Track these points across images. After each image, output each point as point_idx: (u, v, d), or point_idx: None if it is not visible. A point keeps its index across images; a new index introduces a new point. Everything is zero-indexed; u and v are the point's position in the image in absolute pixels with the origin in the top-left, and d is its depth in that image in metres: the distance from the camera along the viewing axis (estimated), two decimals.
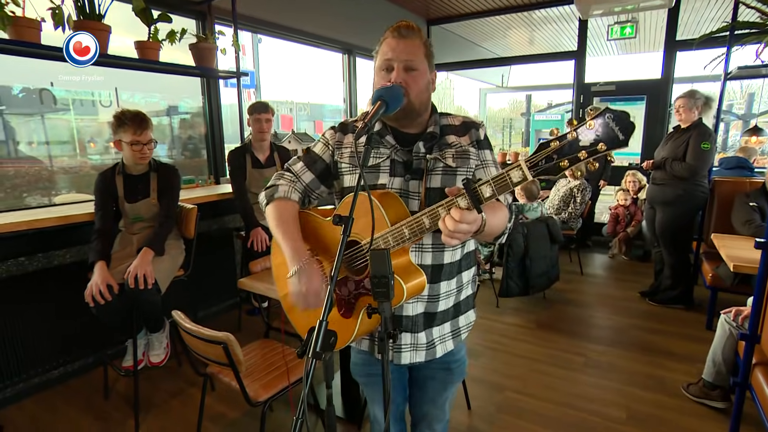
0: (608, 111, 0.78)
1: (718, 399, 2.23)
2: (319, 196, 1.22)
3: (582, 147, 0.80)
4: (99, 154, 3.55)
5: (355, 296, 1.08)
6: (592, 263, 4.74)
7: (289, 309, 1.26)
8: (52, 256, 2.49)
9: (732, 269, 2.36)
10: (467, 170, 1.11)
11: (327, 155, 1.19)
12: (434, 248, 1.11)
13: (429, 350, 1.17)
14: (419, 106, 1.09)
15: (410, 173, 1.10)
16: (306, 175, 1.19)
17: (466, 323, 1.25)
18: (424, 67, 1.09)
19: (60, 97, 3.12)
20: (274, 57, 5.52)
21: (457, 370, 1.25)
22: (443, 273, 1.13)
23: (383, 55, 1.10)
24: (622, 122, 0.78)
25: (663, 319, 3.28)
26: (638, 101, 4.94)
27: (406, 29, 1.09)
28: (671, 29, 4.63)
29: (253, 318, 3.37)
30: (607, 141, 0.78)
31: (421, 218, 0.96)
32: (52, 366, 2.53)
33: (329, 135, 1.20)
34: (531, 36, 7.07)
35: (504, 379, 2.54)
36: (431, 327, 1.16)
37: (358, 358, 1.26)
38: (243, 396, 1.65)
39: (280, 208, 1.15)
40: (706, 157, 3.05)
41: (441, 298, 1.15)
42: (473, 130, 1.14)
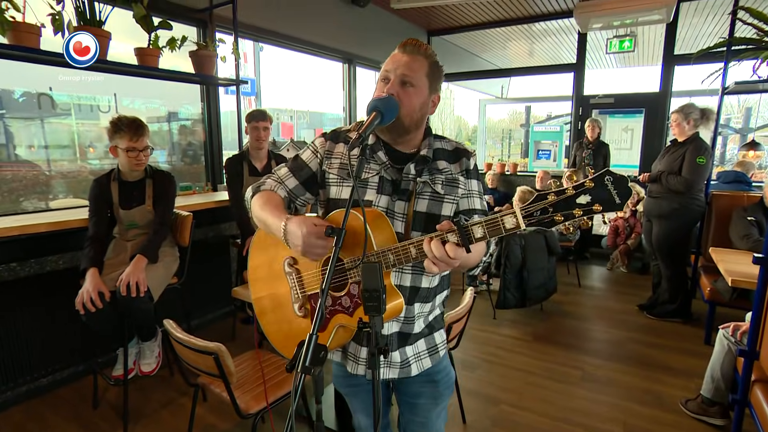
0: (609, 174, 0.81)
1: (717, 416, 2.20)
2: (304, 202, 1.20)
3: (578, 205, 0.82)
4: (98, 159, 3.54)
5: (330, 312, 1.07)
6: (590, 275, 4.72)
7: (261, 313, 1.24)
8: (45, 261, 2.46)
9: (730, 284, 2.35)
10: (454, 198, 1.11)
11: (314, 163, 1.17)
12: (414, 271, 1.10)
13: (403, 368, 1.15)
14: (408, 124, 1.07)
15: (397, 194, 1.09)
16: (290, 180, 1.16)
17: (442, 340, 1.23)
18: (423, 85, 1.07)
19: (60, 102, 3.12)
20: (276, 65, 5.54)
21: (444, 381, 1.22)
22: (419, 296, 1.12)
23: (384, 66, 1.10)
24: (621, 186, 0.81)
25: (661, 333, 3.25)
26: (637, 114, 4.97)
27: (411, 45, 1.08)
28: (669, 44, 4.67)
29: (247, 327, 3.33)
30: (603, 203, 0.81)
31: (408, 247, 0.96)
32: (41, 374, 2.49)
33: (319, 143, 1.18)
34: (531, 48, 7.13)
35: (499, 392, 2.50)
36: (405, 346, 1.15)
37: (338, 370, 1.25)
38: (234, 407, 1.62)
39: (264, 196, 1.12)
40: (701, 171, 3.06)
41: (415, 319, 1.14)
42: (464, 159, 1.14)
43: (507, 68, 8.14)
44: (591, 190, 0.81)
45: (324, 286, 0.88)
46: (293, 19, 4.08)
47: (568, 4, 4.83)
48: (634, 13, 4.38)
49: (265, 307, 1.22)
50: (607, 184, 0.80)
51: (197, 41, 3.19)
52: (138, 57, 2.64)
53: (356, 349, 1.14)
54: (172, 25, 2.70)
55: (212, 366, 1.55)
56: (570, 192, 0.82)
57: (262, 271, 1.20)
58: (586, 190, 0.82)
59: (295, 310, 1.14)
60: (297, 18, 4.11)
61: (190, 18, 3.30)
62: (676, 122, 3.14)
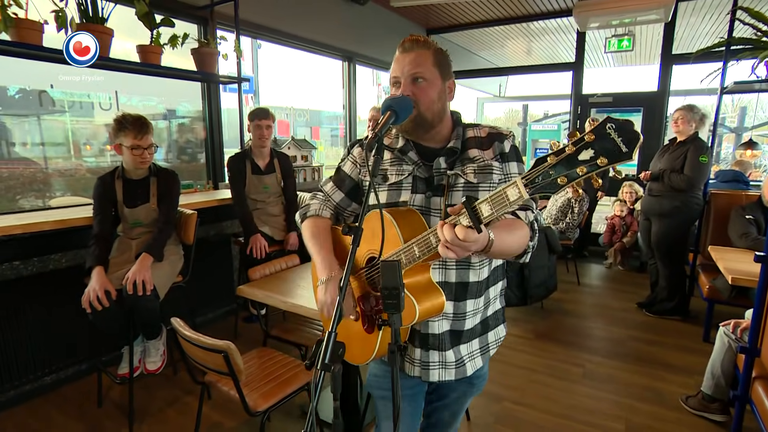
0: (609, 120, 0.71)
1: (718, 412, 2.22)
2: (351, 213, 1.23)
3: (581, 162, 0.73)
4: (94, 156, 3.51)
5: (376, 312, 1.07)
6: (589, 273, 4.75)
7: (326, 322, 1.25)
8: (48, 260, 2.45)
9: (730, 282, 2.37)
10: (490, 185, 1.07)
11: (355, 173, 1.20)
12: (458, 266, 1.09)
13: (459, 368, 1.14)
14: (432, 117, 1.07)
15: (431, 190, 1.09)
16: (336, 194, 1.22)
17: (495, 339, 1.22)
18: (434, 75, 1.07)
19: (57, 99, 3.10)
20: (274, 63, 5.52)
21: (479, 384, 1.24)
22: (469, 291, 1.10)
23: (392, 72, 1.11)
24: (626, 132, 0.70)
25: (660, 331, 3.29)
26: (635, 113, 5.00)
27: (410, 42, 1.08)
28: (667, 43, 4.69)
29: (250, 325, 3.33)
30: (608, 154, 0.71)
31: (428, 237, 0.93)
32: (45, 373, 2.49)
33: (357, 153, 1.21)
34: (528, 46, 7.14)
35: (502, 389, 2.52)
36: (459, 345, 1.14)
37: (379, 369, 1.23)
38: (242, 406, 1.62)
39: (312, 225, 1.19)
40: (704, 169, 3.09)
41: (468, 316, 1.12)
42: (497, 143, 1.10)
43: (506, 67, 8.15)
44: (593, 143, 0.72)
45: (342, 284, 0.90)
46: (294, 16, 4.07)
47: (567, 3, 4.84)
48: (632, 13, 4.40)
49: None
50: (610, 132, 0.70)
51: (198, 38, 3.18)
52: (140, 54, 2.63)
53: (412, 351, 1.13)
54: (174, 22, 2.69)
55: (221, 364, 1.56)
56: (570, 149, 0.73)
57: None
58: (587, 144, 0.72)
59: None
60: (298, 16, 4.10)
61: (191, 15, 3.28)
62: (683, 119, 3.16)
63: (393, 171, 1.14)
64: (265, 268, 2.29)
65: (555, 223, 4.48)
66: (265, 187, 2.97)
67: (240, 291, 2.12)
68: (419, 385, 1.23)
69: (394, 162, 1.14)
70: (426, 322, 1.10)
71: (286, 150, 4.03)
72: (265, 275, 2.28)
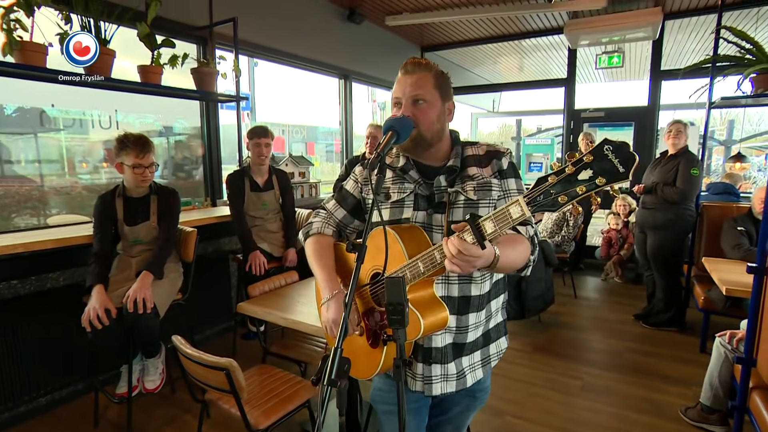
0: (607, 142, 0.77)
1: (717, 423, 2.23)
2: (354, 230, 1.27)
3: (581, 181, 0.78)
4: (89, 174, 3.51)
5: (380, 327, 1.09)
6: (586, 286, 4.78)
7: (330, 338, 1.27)
8: (46, 279, 2.45)
9: (724, 293, 2.41)
10: (489, 202, 1.10)
11: (357, 192, 1.25)
12: (461, 280, 1.12)
13: (459, 380, 1.16)
14: (431, 137, 1.12)
15: (433, 207, 1.12)
16: (338, 212, 1.26)
17: (497, 351, 1.24)
18: (434, 97, 1.11)
19: (53, 117, 3.11)
20: (270, 80, 5.60)
21: (482, 397, 1.25)
22: (471, 305, 1.13)
23: (394, 93, 1.14)
24: (622, 153, 0.75)
25: (657, 342, 3.31)
26: (626, 127, 5.10)
27: (411, 65, 1.12)
28: (656, 59, 4.82)
29: (248, 342, 3.32)
30: (606, 174, 0.76)
31: (433, 252, 0.97)
32: (40, 394, 2.46)
33: (359, 172, 1.25)
34: (521, 63, 7.30)
35: (503, 403, 2.52)
36: (461, 357, 1.16)
37: (384, 384, 1.24)
38: (244, 423, 1.62)
39: (314, 243, 1.23)
40: (695, 182, 3.16)
41: (470, 329, 1.15)
42: (495, 160, 1.14)
43: (499, 83, 8.30)
44: (591, 163, 0.77)
45: (347, 299, 0.92)
46: (291, 36, 4.15)
47: (558, 22, 4.97)
48: (621, 31, 4.53)
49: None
50: (608, 153, 0.76)
51: (197, 58, 3.24)
52: (141, 74, 2.67)
53: (414, 366, 1.15)
54: (175, 43, 2.74)
55: (223, 381, 1.56)
56: (570, 170, 0.78)
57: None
58: (586, 165, 0.77)
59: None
60: (295, 35, 4.19)
61: (190, 35, 3.34)
62: (678, 131, 3.24)
63: (395, 189, 1.17)
64: (264, 284, 2.30)
65: (550, 236, 4.52)
66: (264, 204, 2.99)
67: (240, 308, 2.12)
68: (423, 399, 1.24)
69: (396, 180, 1.18)
70: (429, 336, 1.11)
71: (284, 167, 4.06)
72: (265, 292, 2.29)
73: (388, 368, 1.13)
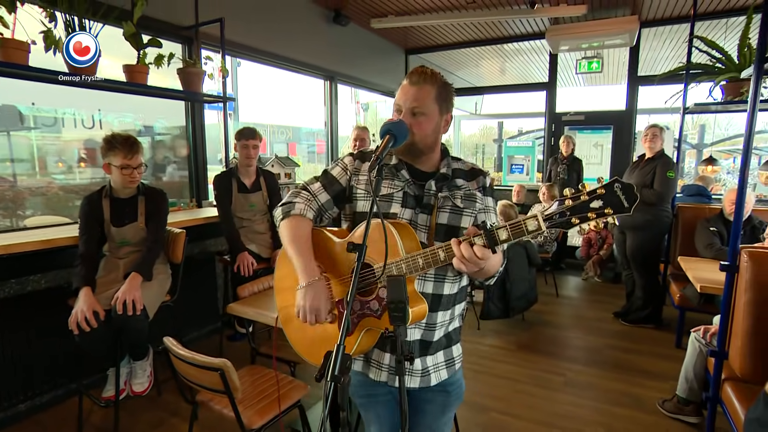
0: (617, 182, 0.92)
1: (692, 414, 2.34)
2: (330, 216, 1.28)
3: (592, 209, 0.93)
4: (63, 174, 3.41)
5: (359, 316, 1.13)
6: (567, 285, 4.90)
7: (286, 321, 1.29)
8: (26, 281, 2.39)
9: (699, 290, 2.52)
10: (472, 212, 1.20)
11: (344, 179, 1.25)
12: (436, 278, 1.18)
13: (423, 377, 1.21)
14: (423, 147, 1.17)
15: (420, 207, 1.18)
16: (322, 195, 1.24)
17: (458, 353, 1.30)
18: (432, 111, 1.15)
19: (27, 115, 3.01)
20: (253, 80, 5.57)
21: (455, 392, 1.28)
22: (441, 303, 1.19)
23: (396, 99, 1.18)
24: (628, 193, 0.91)
25: (635, 339, 3.43)
26: (605, 130, 5.26)
27: (417, 75, 1.16)
28: (633, 65, 4.99)
29: (234, 344, 3.30)
30: (613, 206, 0.91)
31: (437, 251, 1.04)
32: (19, 399, 2.39)
33: (348, 161, 1.27)
34: (502, 66, 7.43)
35: (488, 400, 2.58)
36: (426, 355, 1.21)
37: (356, 379, 1.28)
38: (238, 423, 1.63)
39: (294, 225, 1.19)
40: (672, 184, 3.30)
41: (437, 327, 1.21)
42: (480, 177, 1.25)
43: (483, 86, 8.43)
44: (603, 196, 0.92)
45: (348, 298, 0.94)
46: (277, 37, 4.14)
47: (540, 27, 5.10)
48: (600, 37, 4.68)
49: (290, 315, 1.25)
50: (617, 191, 0.91)
51: (183, 58, 3.21)
52: (127, 74, 2.64)
53: (379, 356, 1.19)
54: (162, 42, 2.71)
55: (216, 382, 1.56)
56: (584, 198, 0.93)
57: (289, 281, 1.24)
58: (598, 197, 0.92)
59: None
60: (280, 36, 4.18)
61: (176, 35, 3.31)
62: (655, 135, 3.38)
63: (386, 183, 1.21)
64: (253, 285, 2.30)
65: (533, 237, 4.62)
66: (252, 205, 2.99)
67: (230, 309, 2.12)
68: (392, 393, 1.27)
69: (387, 176, 1.22)
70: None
71: (270, 168, 4.04)
72: (254, 293, 2.29)
73: (358, 354, 1.18)
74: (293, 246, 1.17)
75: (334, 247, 1.21)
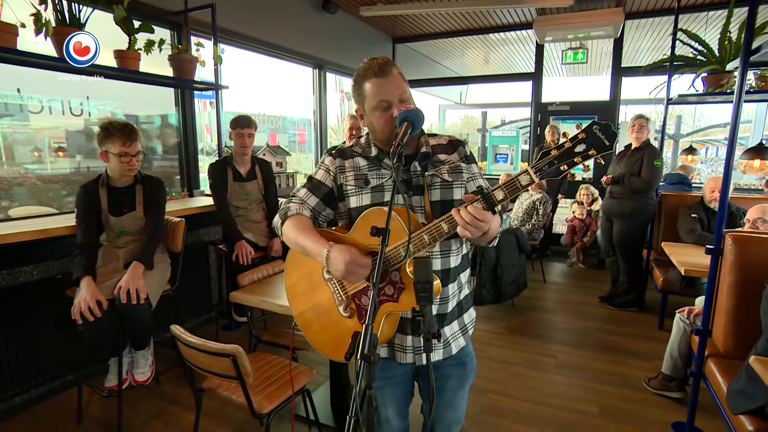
0: (595, 123, 0.97)
1: (676, 390, 2.48)
2: (326, 218, 1.30)
3: (577, 153, 0.99)
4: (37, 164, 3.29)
5: (377, 304, 1.15)
6: (553, 271, 5.04)
7: (305, 326, 1.30)
8: (18, 272, 2.34)
9: (683, 273, 2.64)
10: (461, 183, 1.23)
11: (329, 180, 1.27)
12: (442, 254, 1.22)
13: (445, 348, 1.27)
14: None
15: (412, 190, 1.20)
16: (311, 199, 1.27)
17: (470, 320, 1.36)
18: (410, 92, 1.20)
19: None
20: (237, 68, 5.48)
21: (470, 364, 1.34)
22: (450, 276, 1.24)
23: (375, 96, 1.16)
24: (607, 132, 0.97)
25: (620, 322, 3.57)
26: (589, 120, 5.37)
27: (386, 65, 1.17)
28: (617, 57, 5.10)
29: (229, 333, 3.30)
30: (596, 147, 0.97)
31: (440, 224, 1.07)
32: (15, 392, 2.36)
33: (329, 162, 1.28)
34: (487, 56, 7.48)
35: (485, 382, 2.66)
36: (443, 327, 1.26)
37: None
38: (249, 408, 1.65)
39: (294, 222, 1.22)
40: (658, 172, 3.43)
41: (449, 299, 1.26)
42: (461, 148, 1.28)
43: (470, 76, 8.47)
44: (584, 140, 0.97)
45: (374, 279, 0.97)
46: (265, 24, 4.08)
47: (527, 17, 5.15)
48: (586, 28, 4.77)
49: (309, 320, 1.27)
50: (596, 132, 0.97)
51: (172, 44, 3.13)
52: (117, 60, 2.57)
53: (402, 339, 1.23)
54: (154, 28, 2.65)
55: (227, 368, 1.58)
56: (568, 144, 0.99)
57: (301, 286, 1.27)
58: (580, 141, 0.98)
59: (340, 312, 1.21)
60: (269, 23, 4.12)
61: (164, 20, 3.23)
62: (642, 126, 3.49)
63: (373, 175, 1.23)
64: (253, 273, 2.31)
65: (521, 225, 4.73)
66: (247, 194, 2.97)
67: (233, 297, 2.13)
68: (408, 372, 1.33)
69: (372, 168, 1.24)
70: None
71: (261, 156, 4.01)
72: (254, 281, 2.30)
73: (382, 342, 1.22)
74: (300, 236, 1.18)
75: (339, 241, 1.22)
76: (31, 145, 3.23)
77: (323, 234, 1.23)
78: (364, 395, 0.98)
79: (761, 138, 6.35)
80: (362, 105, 1.21)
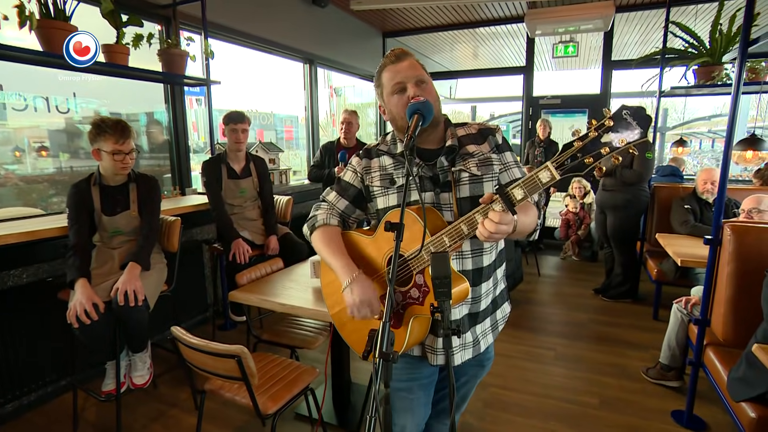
0: (624, 108, 0.84)
1: (673, 379, 2.51)
2: (356, 219, 1.29)
3: (604, 143, 0.85)
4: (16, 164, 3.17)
5: (402, 306, 1.13)
6: (547, 264, 5.08)
7: (341, 326, 1.29)
8: (6, 276, 2.27)
9: (679, 263, 2.67)
10: (492, 176, 1.16)
11: (357, 181, 1.25)
12: (473, 253, 1.18)
13: (475, 347, 1.25)
14: (438, 115, 1.16)
15: (439, 187, 1.16)
16: (340, 202, 1.27)
17: (502, 315, 1.34)
18: (429, 78, 1.17)
19: None
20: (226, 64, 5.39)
21: (488, 365, 1.34)
22: (483, 275, 1.20)
23: (391, 80, 1.15)
24: (639, 116, 0.83)
25: (615, 313, 3.61)
26: (581, 114, 5.41)
27: (397, 54, 1.16)
28: (607, 50, 5.13)
29: (225, 333, 3.25)
30: (626, 135, 0.84)
31: (460, 225, 1.02)
32: (7, 399, 2.29)
33: (356, 162, 1.26)
34: (476, 50, 7.47)
35: (487, 376, 2.58)
36: (475, 325, 1.24)
37: (400, 361, 1.26)
38: (254, 409, 1.62)
39: (322, 233, 1.22)
40: (649, 164, 3.46)
41: (482, 298, 1.22)
42: (491, 137, 1.20)
43: (461, 70, 8.45)
44: (612, 127, 0.84)
45: (390, 276, 0.95)
46: (255, 18, 4.00)
47: (517, 11, 5.15)
48: (577, 22, 4.78)
49: (343, 319, 1.25)
50: (626, 117, 0.82)
51: (161, 38, 3.05)
52: (106, 54, 2.49)
53: (433, 341, 1.20)
54: (143, 22, 2.58)
55: (232, 369, 1.55)
56: (593, 134, 0.85)
57: (335, 286, 1.24)
58: (607, 129, 0.84)
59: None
60: (260, 17, 4.04)
61: (152, 14, 3.14)
62: None
63: (399, 174, 1.20)
64: (251, 272, 2.27)
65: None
66: (242, 191, 2.92)
67: (232, 296, 2.08)
68: (435, 374, 1.31)
69: (397, 166, 1.21)
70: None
71: (254, 152, 3.95)
72: (252, 280, 2.26)
73: (413, 345, 1.18)
74: (326, 250, 1.20)
75: (364, 245, 1.22)
76: (11, 144, 3.12)
77: (348, 239, 1.23)
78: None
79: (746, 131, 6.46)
80: (382, 97, 1.18)
